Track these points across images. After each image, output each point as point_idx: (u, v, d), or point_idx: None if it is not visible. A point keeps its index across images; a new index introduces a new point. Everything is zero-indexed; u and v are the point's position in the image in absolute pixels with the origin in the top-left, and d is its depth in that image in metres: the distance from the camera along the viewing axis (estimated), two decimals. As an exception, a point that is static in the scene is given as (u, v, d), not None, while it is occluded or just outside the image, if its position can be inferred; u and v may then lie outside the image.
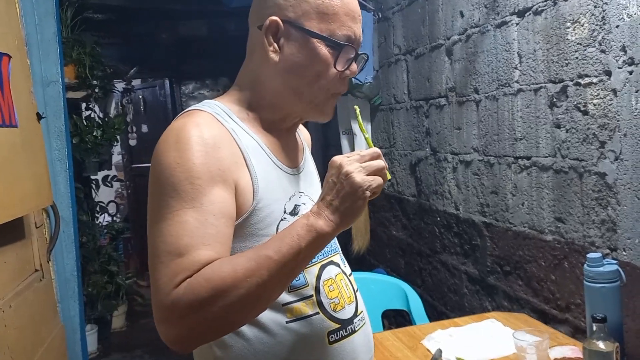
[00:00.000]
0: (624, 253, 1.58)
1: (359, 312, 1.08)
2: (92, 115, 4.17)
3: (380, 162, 0.88)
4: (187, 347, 0.87)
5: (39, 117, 2.07)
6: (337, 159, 0.88)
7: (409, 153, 3.01)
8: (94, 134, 3.82)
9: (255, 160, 0.97)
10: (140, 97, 6.17)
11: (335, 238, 1.13)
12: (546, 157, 1.88)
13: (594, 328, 1.31)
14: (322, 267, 1.04)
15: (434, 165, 2.73)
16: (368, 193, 0.86)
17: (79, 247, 2.67)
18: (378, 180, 0.87)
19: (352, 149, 3.58)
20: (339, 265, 1.10)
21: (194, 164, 0.87)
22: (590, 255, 1.51)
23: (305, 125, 1.27)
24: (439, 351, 1.61)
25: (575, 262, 1.78)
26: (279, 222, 0.98)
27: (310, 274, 1.01)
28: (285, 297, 0.97)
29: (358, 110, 1.09)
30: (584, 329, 1.69)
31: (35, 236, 2.14)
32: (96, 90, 3.83)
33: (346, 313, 1.04)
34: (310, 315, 0.99)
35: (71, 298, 2.56)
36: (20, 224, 1.97)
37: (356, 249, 3.66)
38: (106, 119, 4.04)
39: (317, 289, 1.01)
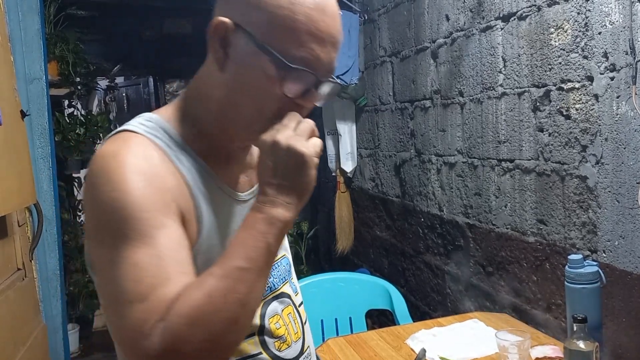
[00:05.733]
0: (604, 255, 1.61)
1: (305, 349, 1.00)
2: (75, 113, 4.13)
3: (310, 121, 0.79)
4: None
5: (23, 114, 2.05)
6: (267, 137, 0.78)
7: (394, 154, 3.04)
8: (77, 131, 3.79)
9: (200, 193, 0.84)
10: (124, 94, 6.13)
11: (290, 260, 1.05)
12: (529, 160, 1.91)
13: (575, 328, 1.33)
14: (266, 304, 0.95)
15: (419, 167, 2.75)
16: (316, 159, 0.77)
17: (61, 245, 2.65)
18: (318, 142, 0.79)
19: (337, 150, 3.60)
20: (289, 296, 1.00)
21: (136, 196, 0.74)
22: (572, 256, 1.54)
23: None
24: (423, 351, 1.63)
25: (556, 263, 1.81)
26: None
27: None
28: None
29: None
30: (564, 329, 1.72)
31: (17, 235, 2.12)
32: (79, 88, 3.80)
33: (291, 352, 0.97)
34: (253, 356, 0.91)
35: (53, 297, 2.54)
36: (2, 223, 1.96)
37: (340, 249, 3.68)
38: (89, 117, 4.01)
39: (261, 328, 0.92)
